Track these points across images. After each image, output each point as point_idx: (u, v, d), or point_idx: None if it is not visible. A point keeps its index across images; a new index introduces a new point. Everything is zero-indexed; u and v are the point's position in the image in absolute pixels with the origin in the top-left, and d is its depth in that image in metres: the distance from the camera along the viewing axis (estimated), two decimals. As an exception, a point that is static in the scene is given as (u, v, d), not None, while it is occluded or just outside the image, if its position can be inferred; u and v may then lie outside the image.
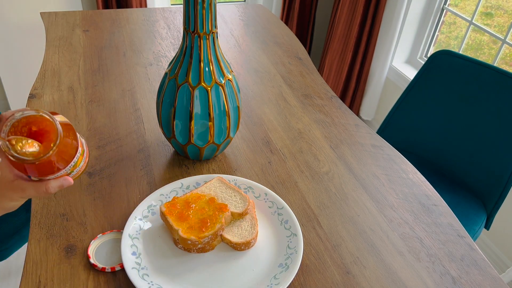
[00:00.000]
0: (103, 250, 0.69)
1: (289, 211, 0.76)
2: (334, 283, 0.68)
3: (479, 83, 1.26)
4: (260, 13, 1.66)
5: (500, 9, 2.72)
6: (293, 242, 0.71)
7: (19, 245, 1.17)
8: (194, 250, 0.69)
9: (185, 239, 0.67)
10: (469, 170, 1.32)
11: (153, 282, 0.64)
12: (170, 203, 0.71)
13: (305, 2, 2.45)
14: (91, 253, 0.68)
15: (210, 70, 0.77)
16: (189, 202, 0.73)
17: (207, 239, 0.68)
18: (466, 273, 0.72)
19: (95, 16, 1.49)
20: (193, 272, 0.67)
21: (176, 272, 0.67)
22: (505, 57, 2.42)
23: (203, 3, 0.71)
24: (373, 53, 2.34)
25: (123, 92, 1.10)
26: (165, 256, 0.69)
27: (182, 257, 0.69)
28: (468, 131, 1.30)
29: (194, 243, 0.67)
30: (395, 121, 1.47)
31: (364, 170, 0.93)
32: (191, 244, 0.67)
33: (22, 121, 0.52)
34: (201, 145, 0.84)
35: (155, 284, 0.63)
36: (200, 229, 0.68)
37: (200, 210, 0.71)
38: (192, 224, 0.69)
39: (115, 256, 0.68)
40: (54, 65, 1.18)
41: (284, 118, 1.07)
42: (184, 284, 0.65)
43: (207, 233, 0.67)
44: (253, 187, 0.81)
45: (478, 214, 1.28)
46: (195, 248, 0.68)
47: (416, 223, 0.81)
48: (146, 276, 0.64)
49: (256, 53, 1.37)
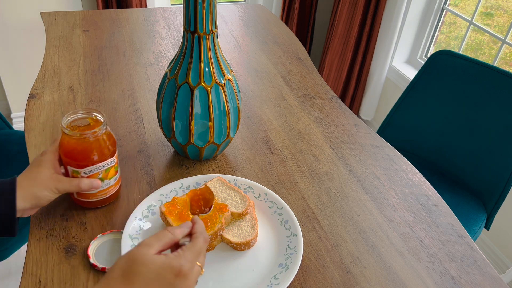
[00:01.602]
0: (103, 250, 0.69)
1: (289, 211, 0.76)
2: (334, 283, 0.68)
3: (479, 83, 1.26)
4: (260, 13, 1.66)
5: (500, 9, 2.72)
6: (293, 242, 0.71)
7: (19, 245, 1.17)
8: None
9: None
10: (469, 170, 1.32)
11: None
12: (170, 203, 0.71)
13: (305, 2, 2.45)
14: (91, 253, 0.68)
15: (210, 70, 0.77)
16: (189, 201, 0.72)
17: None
18: (466, 273, 0.72)
19: (95, 16, 1.49)
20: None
21: None
22: (505, 57, 2.42)
23: (203, 3, 0.71)
24: (373, 53, 2.34)
25: (123, 92, 1.10)
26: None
27: (182, 257, 0.69)
28: (468, 131, 1.30)
29: None
30: (395, 121, 1.47)
31: (364, 170, 0.93)
32: None
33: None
34: (201, 145, 0.84)
35: None
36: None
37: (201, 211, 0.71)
38: None
39: (115, 256, 0.68)
40: (54, 65, 1.18)
41: (284, 118, 1.07)
42: None
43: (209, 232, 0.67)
44: (253, 187, 0.81)
45: (478, 214, 1.28)
46: None
47: (416, 223, 0.81)
48: None
49: (256, 53, 1.37)
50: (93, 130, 0.67)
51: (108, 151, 0.70)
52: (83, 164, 0.68)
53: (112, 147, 0.71)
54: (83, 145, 0.67)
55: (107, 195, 0.74)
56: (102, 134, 0.69)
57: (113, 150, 0.71)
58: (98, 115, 0.70)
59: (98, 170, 0.70)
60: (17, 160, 1.28)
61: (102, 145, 0.69)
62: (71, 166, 0.68)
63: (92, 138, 0.67)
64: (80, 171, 0.69)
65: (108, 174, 0.72)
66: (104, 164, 0.70)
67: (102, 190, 0.73)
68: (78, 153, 0.67)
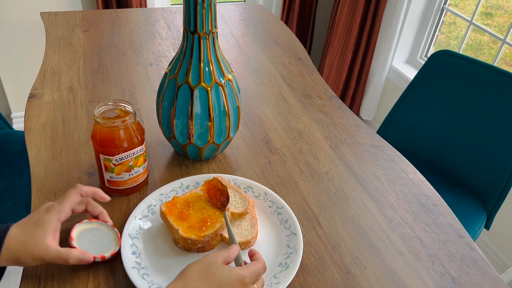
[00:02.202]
0: (86, 236, 0.67)
1: (289, 211, 0.76)
2: (334, 283, 0.68)
3: (479, 83, 1.26)
4: (260, 13, 1.66)
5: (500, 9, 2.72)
6: (293, 241, 0.71)
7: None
8: (194, 250, 0.69)
9: (185, 238, 0.67)
10: (469, 170, 1.32)
11: (153, 281, 0.64)
12: (170, 202, 0.71)
13: (305, 2, 2.45)
14: (74, 235, 0.66)
15: (210, 70, 0.77)
16: (189, 201, 0.73)
17: (207, 238, 0.68)
18: (466, 273, 0.72)
19: (95, 16, 1.49)
20: (193, 272, 0.67)
21: (176, 271, 0.66)
22: (505, 57, 2.42)
23: (203, 3, 0.71)
24: (373, 53, 2.34)
25: (123, 92, 1.10)
26: (165, 255, 0.69)
27: (182, 257, 0.69)
28: (468, 131, 1.30)
29: (194, 242, 0.67)
30: (395, 121, 1.47)
31: (364, 170, 0.93)
32: (191, 243, 0.67)
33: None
34: (201, 145, 0.84)
35: (155, 284, 0.63)
36: (200, 228, 0.68)
37: (200, 210, 0.71)
38: (192, 223, 0.69)
39: (97, 245, 0.66)
40: (54, 65, 1.18)
41: (284, 118, 1.07)
42: None
43: (207, 232, 0.67)
44: (253, 186, 0.81)
45: (478, 214, 1.28)
46: (195, 247, 0.68)
47: (416, 223, 0.81)
48: (146, 276, 0.64)
49: (256, 53, 1.37)
50: (123, 119, 0.71)
51: (137, 140, 0.74)
52: (115, 151, 0.72)
53: (141, 136, 0.75)
54: (114, 134, 0.71)
55: (137, 182, 0.79)
56: (131, 123, 0.73)
57: (142, 139, 0.75)
58: (127, 106, 0.74)
59: (129, 158, 0.74)
60: (17, 160, 1.28)
61: (132, 134, 0.73)
62: (103, 154, 0.73)
63: (122, 127, 0.72)
64: (112, 159, 0.73)
65: (137, 162, 0.76)
66: (134, 152, 0.74)
67: (132, 178, 0.77)
68: (109, 142, 0.72)
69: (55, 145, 0.90)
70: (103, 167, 0.75)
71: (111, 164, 0.74)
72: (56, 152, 0.88)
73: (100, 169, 0.77)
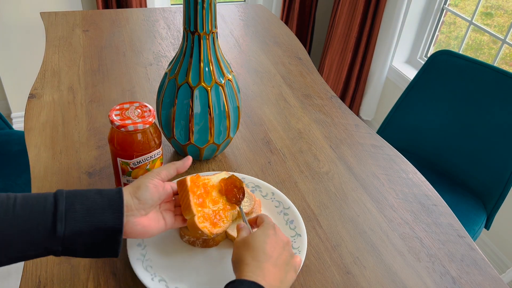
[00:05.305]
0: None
1: (295, 212, 0.76)
2: (334, 283, 0.68)
3: (479, 83, 1.26)
4: (260, 13, 1.66)
5: (500, 9, 2.73)
6: (297, 242, 0.71)
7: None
8: (199, 244, 0.69)
9: (197, 228, 0.63)
10: (469, 170, 1.32)
11: (156, 273, 0.64)
12: (193, 179, 0.66)
13: (305, 2, 2.45)
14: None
15: (210, 70, 0.77)
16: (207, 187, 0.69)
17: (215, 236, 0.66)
18: (466, 273, 0.72)
19: (95, 16, 1.49)
20: (196, 267, 0.67)
21: (179, 265, 0.67)
22: (505, 57, 2.42)
23: (203, 3, 0.71)
24: (373, 53, 2.34)
25: (123, 92, 1.10)
26: (169, 249, 0.69)
27: (186, 252, 0.69)
28: (468, 131, 1.30)
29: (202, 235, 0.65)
30: (395, 121, 1.47)
31: (364, 170, 0.93)
32: (200, 235, 0.65)
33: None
34: (201, 145, 0.84)
35: (157, 276, 0.64)
36: (212, 221, 0.66)
37: (214, 200, 0.68)
38: (206, 213, 0.66)
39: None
40: (54, 65, 1.18)
41: (284, 118, 1.07)
42: (186, 278, 0.65)
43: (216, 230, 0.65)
44: (261, 186, 0.80)
45: (478, 214, 1.28)
46: (199, 241, 0.68)
47: (416, 223, 0.81)
48: (149, 268, 0.65)
49: (256, 53, 1.37)
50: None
51: (154, 143, 0.74)
52: (132, 155, 0.72)
53: (158, 139, 0.75)
54: (132, 137, 0.71)
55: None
56: (149, 127, 0.72)
57: (159, 142, 0.75)
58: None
59: (146, 161, 0.74)
60: (17, 160, 1.28)
61: (149, 138, 0.73)
62: (120, 157, 0.73)
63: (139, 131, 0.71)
64: (129, 162, 0.73)
65: (154, 165, 0.76)
66: (152, 155, 0.75)
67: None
68: (127, 145, 0.71)
69: (55, 145, 0.90)
70: (120, 170, 0.75)
71: (128, 167, 0.74)
72: (56, 152, 0.88)
73: (116, 172, 0.76)
